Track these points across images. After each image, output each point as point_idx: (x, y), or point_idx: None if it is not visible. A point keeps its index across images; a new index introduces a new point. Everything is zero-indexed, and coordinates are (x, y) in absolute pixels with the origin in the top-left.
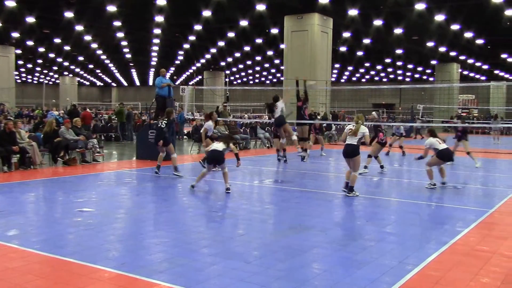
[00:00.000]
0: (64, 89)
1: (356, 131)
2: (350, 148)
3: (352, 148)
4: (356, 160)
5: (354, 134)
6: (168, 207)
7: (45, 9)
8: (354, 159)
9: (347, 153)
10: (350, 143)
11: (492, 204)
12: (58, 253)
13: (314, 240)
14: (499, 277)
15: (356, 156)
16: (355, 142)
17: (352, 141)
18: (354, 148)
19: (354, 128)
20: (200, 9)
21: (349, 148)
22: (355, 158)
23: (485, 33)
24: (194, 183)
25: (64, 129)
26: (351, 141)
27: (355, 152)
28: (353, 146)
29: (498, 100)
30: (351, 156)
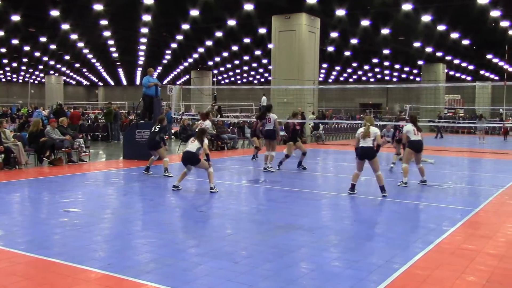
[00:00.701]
0: (50, 88)
1: (367, 132)
2: (367, 150)
3: (369, 150)
4: (375, 161)
5: (367, 136)
6: (155, 207)
7: (30, 8)
8: (373, 161)
9: (365, 155)
10: (365, 145)
11: (477, 203)
12: (43, 254)
13: (302, 239)
14: (485, 275)
15: (374, 157)
16: (370, 144)
17: (367, 144)
18: (371, 150)
19: (364, 130)
20: (188, 9)
21: (366, 150)
22: (374, 160)
23: (471, 34)
24: (176, 183)
25: (50, 128)
26: (365, 144)
27: (373, 153)
28: (369, 148)
29: (483, 100)
30: (370, 158)
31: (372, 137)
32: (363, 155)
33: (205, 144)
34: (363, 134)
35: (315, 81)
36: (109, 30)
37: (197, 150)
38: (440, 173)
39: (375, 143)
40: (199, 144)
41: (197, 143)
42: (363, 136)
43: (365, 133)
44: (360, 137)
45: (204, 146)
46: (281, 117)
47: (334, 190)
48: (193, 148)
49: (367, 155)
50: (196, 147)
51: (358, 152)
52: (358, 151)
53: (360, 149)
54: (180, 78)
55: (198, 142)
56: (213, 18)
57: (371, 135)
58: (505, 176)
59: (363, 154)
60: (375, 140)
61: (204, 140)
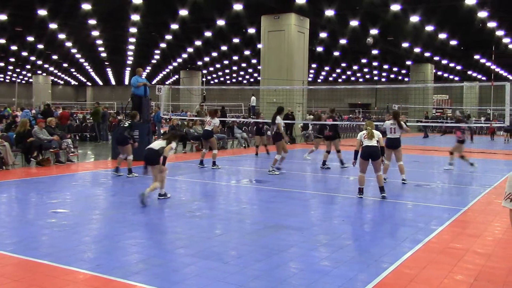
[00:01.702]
0: (37, 88)
1: (372, 134)
2: (373, 149)
3: (375, 149)
4: (379, 162)
5: (371, 137)
6: (144, 207)
7: (18, 7)
8: (377, 161)
9: (371, 155)
10: (370, 144)
11: (465, 202)
12: (32, 255)
13: (291, 239)
14: (472, 274)
15: (379, 158)
16: (375, 144)
17: (372, 143)
18: (377, 149)
19: (368, 132)
20: (177, 8)
21: (372, 149)
22: (379, 160)
23: (459, 35)
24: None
25: (38, 129)
26: (370, 143)
27: (378, 153)
28: (375, 147)
29: (471, 100)
30: (375, 158)
31: (376, 138)
32: (368, 154)
33: (168, 146)
34: (367, 136)
35: (304, 81)
36: (97, 30)
37: (160, 149)
38: (428, 173)
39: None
40: (164, 143)
41: (162, 141)
42: (368, 137)
43: (370, 134)
44: (363, 138)
45: (167, 148)
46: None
47: (323, 190)
48: (157, 146)
49: (372, 155)
50: (160, 145)
51: (362, 152)
52: (363, 151)
53: (365, 148)
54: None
55: (163, 141)
56: (202, 17)
57: (375, 136)
58: (492, 175)
59: (368, 153)
60: (379, 142)
61: (171, 143)
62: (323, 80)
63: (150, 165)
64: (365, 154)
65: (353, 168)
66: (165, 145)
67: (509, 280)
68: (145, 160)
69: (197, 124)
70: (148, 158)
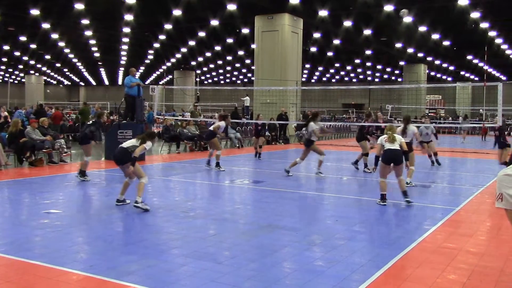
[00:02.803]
0: (30, 88)
1: (393, 137)
2: (396, 153)
3: (398, 153)
4: (401, 166)
5: (393, 141)
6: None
7: (10, 6)
8: (399, 166)
9: (394, 159)
10: (393, 148)
11: (458, 202)
12: (24, 256)
13: (285, 239)
14: (465, 273)
15: (402, 162)
16: (398, 147)
17: (394, 147)
18: (400, 154)
19: (389, 135)
20: (170, 8)
21: (396, 153)
22: (401, 165)
23: (451, 35)
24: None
25: (30, 129)
26: (393, 146)
27: (401, 157)
28: (398, 152)
29: (463, 101)
30: (397, 163)
31: (398, 142)
32: (390, 158)
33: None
34: (389, 139)
35: (298, 82)
36: (90, 30)
37: (131, 147)
38: (421, 173)
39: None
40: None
41: (134, 140)
42: (390, 141)
43: (391, 138)
44: (384, 142)
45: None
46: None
47: (316, 190)
48: (127, 144)
49: (395, 159)
50: (131, 144)
51: (383, 156)
52: (385, 155)
53: (387, 152)
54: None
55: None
56: (195, 17)
57: (397, 140)
58: (485, 175)
59: (391, 157)
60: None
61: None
62: (316, 81)
63: (119, 164)
64: (387, 158)
65: (347, 169)
66: (137, 144)
67: (502, 280)
68: (114, 159)
69: (191, 124)
70: (116, 157)
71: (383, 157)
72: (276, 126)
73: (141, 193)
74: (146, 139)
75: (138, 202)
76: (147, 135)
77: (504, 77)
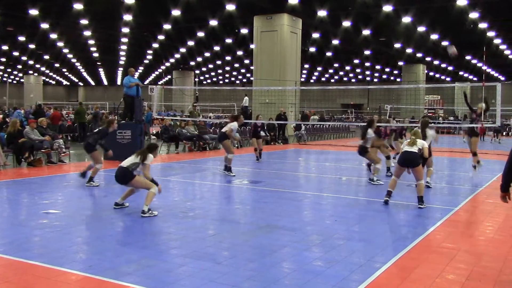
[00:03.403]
0: (28, 88)
1: (413, 141)
2: (411, 155)
3: (413, 156)
4: (419, 169)
5: (413, 144)
6: (136, 208)
7: (9, 6)
8: (416, 169)
9: (409, 161)
10: (409, 150)
11: (457, 202)
12: (23, 256)
13: (284, 239)
14: (464, 273)
15: (418, 165)
16: (415, 150)
17: (411, 149)
18: (415, 156)
19: (410, 139)
20: (169, 8)
21: (410, 155)
22: (418, 167)
23: (450, 35)
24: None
25: (29, 129)
26: (410, 149)
27: (417, 160)
28: (414, 154)
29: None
30: (413, 165)
31: (418, 146)
32: (406, 160)
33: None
34: (410, 143)
35: (297, 82)
36: (89, 30)
37: (131, 166)
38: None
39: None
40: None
41: (134, 157)
42: (409, 143)
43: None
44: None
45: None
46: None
47: (315, 190)
48: (126, 163)
49: (410, 161)
50: (131, 161)
51: (399, 158)
52: (400, 156)
53: (403, 154)
54: (162, 78)
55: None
56: (194, 18)
57: (417, 144)
58: (484, 175)
59: (406, 159)
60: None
61: (148, 157)
62: (315, 81)
63: (122, 184)
64: (401, 160)
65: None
66: (138, 161)
67: (501, 280)
68: (116, 179)
69: (190, 125)
70: (118, 178)
71: (398, 158)
72: (275, 126)
73: (148, 202)
74: (146, 153)
75: (145, 212)
76: (147, 149)
77: (502, 77)
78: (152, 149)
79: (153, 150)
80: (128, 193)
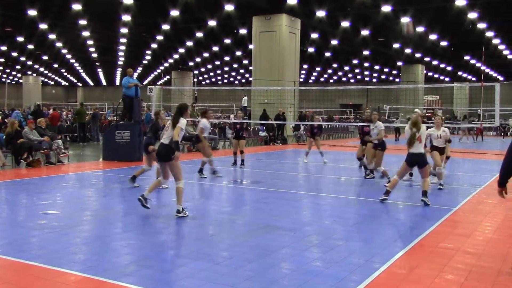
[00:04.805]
0: (27, 89)
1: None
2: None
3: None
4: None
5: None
6: (135, 208)
7: (7, 7)
8: (424, 169)
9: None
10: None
11: (456, 202)
12: (22, 257)
13: (283, 240)
14: (463, 273)
15: (426, 164)
16: (421, 150)
17: (418, 150)
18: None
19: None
20: (168, 9)
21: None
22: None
23: (449, 36)
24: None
25: (28, 129)
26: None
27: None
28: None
29: (461, 101)
30: (421, 166)
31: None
32: (413, 162)
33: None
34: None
35: (296, 82)
36: (88, 30)
37: (171, 141)
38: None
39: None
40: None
41: (171, 130)
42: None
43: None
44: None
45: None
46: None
47: (314, 190)
48: (167, 139)
49: (418, 162)
50: (169, 136)
51: (407, 159)
52: (409, 158)
53: (412, 156)
54: (161, 79)
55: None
56: (193, 18)
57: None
58: (482, 175)
59: (413, 161)
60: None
61: (180, 121)
62: (314, 81)
63: (163, 161)
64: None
65: (344, 169)
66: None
67: (499, 280)
68: (158, 157)
69: (189, 125)
70: (160, 155)
71: (407, 159)
72: (274, 127)
73: (181, 200)
74: (178, 117)
75: (180, 211)
76: (178, 112)
77: (501, 78)
78: (183, 111)
79: (184, 111)
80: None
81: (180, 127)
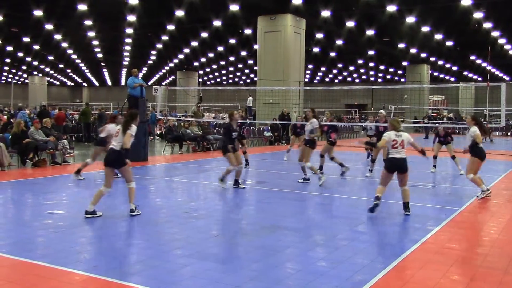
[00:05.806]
0: (33, 89)
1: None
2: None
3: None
4: (406, 175)
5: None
6: (140, 208)
7: (13, 7)
8: (404, 175)
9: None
10: (397, 156)
11: (461, 203)
12: (27, 256)
13: (288, 240)
14: (468, 274)
15: (407, 171)
16: (403, 155)
17: (399, 154)
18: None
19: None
20: (173, 9)
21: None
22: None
23: (454, 35)
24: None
25: (34, 129)
26: (397, 154)
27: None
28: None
29: (466, 101)
30: (402, 171)
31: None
32: (393, 167)
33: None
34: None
35: (301, 82)
36: (93, 30)
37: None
38: (424, 173)
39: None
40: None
41: (121, 136)
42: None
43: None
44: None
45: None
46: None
47: (318, 190)
48: (117, 146)
49: (399, 168)
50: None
51: (387, 164)
52: (389, 163)
53: (392, 160)
54: (166, 79)
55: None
56: (198, 18)
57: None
58: (488, 176)
59: (393, 166)
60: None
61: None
62: (319, 81)
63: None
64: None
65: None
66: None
67: (505, 281)
68: (107, 162)
69: (194, 125)
70: (110, 161)
71: (386, 164)
72: (278, 127)
73: (133, 199)
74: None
75: (133, 210)
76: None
77: (507, 77)
78: (134, 117)
79: (135, 118)
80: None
81: (130, 133)
